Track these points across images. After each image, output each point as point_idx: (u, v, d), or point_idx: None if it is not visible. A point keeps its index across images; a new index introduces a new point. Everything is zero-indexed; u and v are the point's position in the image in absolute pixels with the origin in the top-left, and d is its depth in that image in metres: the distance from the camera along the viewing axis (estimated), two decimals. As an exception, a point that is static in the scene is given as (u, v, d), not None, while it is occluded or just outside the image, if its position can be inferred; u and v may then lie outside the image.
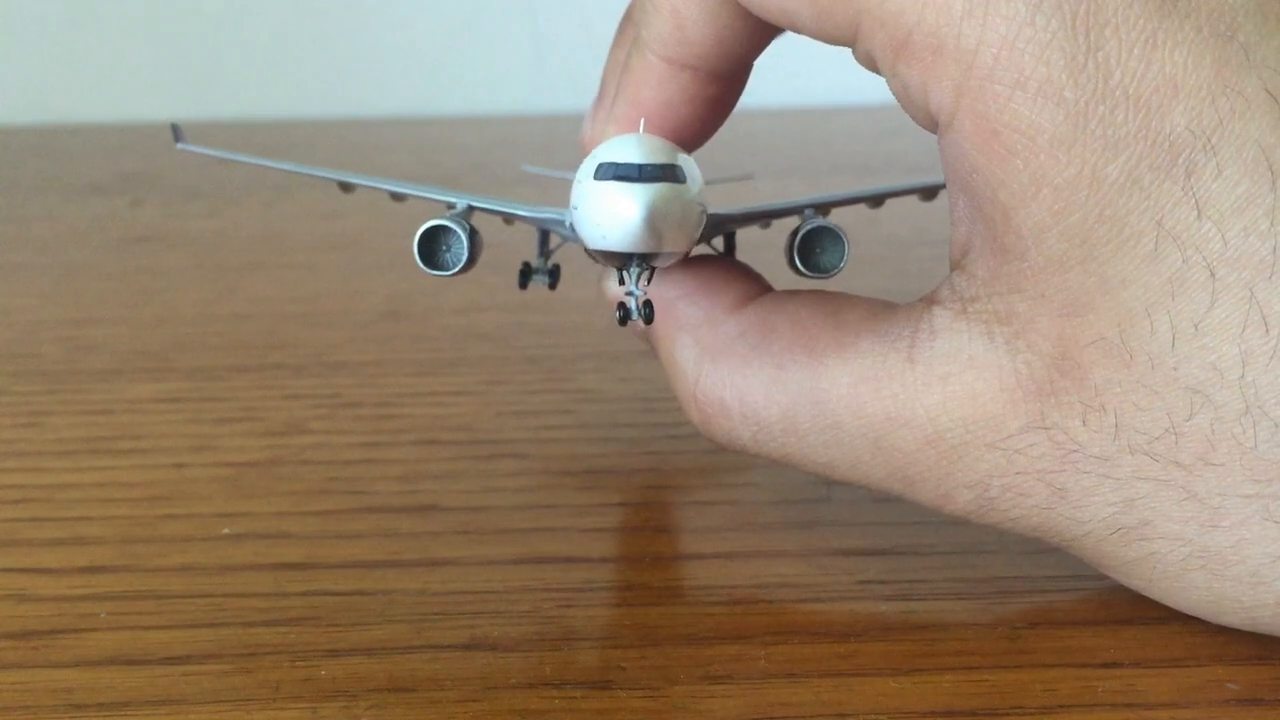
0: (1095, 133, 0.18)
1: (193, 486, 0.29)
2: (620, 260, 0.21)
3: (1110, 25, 0.18)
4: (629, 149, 0.20)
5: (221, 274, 0.48)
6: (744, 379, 0.23)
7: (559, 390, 0.35)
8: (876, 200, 0.29)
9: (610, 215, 0.20)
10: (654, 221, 0.20)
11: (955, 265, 0.21)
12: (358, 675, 0.21)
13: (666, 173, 0.20)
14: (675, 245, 0.21)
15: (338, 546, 0.26)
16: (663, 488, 0.29)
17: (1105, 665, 0.21)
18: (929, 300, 0.21)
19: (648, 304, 0.22)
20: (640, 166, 0.20)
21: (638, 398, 0.34)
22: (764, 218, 0.27)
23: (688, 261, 0.25)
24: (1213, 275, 0.18)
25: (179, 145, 0.31)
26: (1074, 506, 0.20)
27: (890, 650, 0.22)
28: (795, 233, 0.24)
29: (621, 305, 0.22)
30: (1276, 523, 0.19)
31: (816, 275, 0.24)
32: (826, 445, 0.22)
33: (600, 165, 0.20)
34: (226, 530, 0.26)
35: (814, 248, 0.24)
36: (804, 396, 0.22)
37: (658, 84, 0.23)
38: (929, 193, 0.28)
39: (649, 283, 0.22)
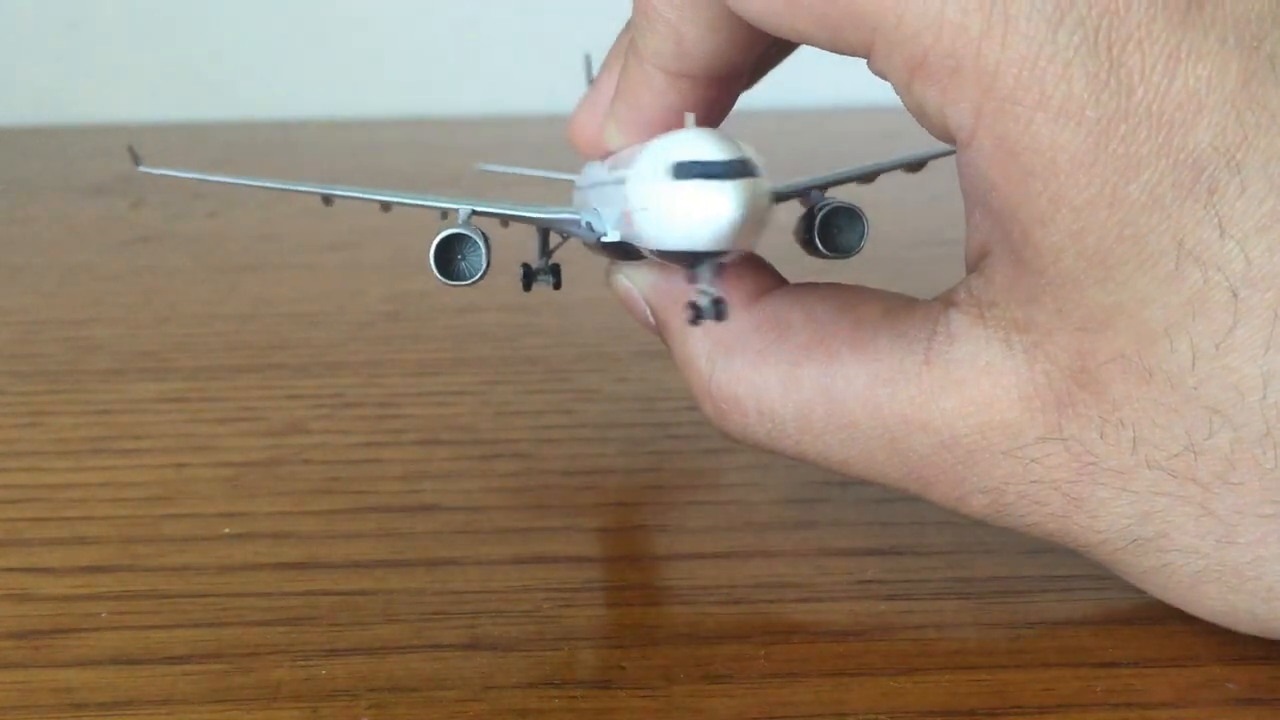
0: (1116, 152, 0.18)
1: (194, 486, 0.29)
2: (691, 260, 0.20)
3: (1133, 40, 0.18)
4: (706, 145, 0.19)
5: (222, 274, 0.48)
6: (759, 375, 0.23)
7: (559, 390, 0.35)
8: (867, 178, 0.29)
9: (698, 216, 0.19)
10: (745, 219, 0.19)
11: (972, 268, 0.21)
12: (358, 675, 0.21)
13: (747, 168, 0.19)
14: (750, 241, 0.20)
15: (338, 546, 0.26)
16: (663, 488, 0.29)
17: (1105, 665, 0.21)
18: (946, 301, 0.21)
19: (719, 301, 0.21)
20: (726, 163, 0.19)
21: (638, 398, 0.34)
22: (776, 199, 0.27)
23: None
24: (1235, 296, 0.18)
25: (139, 168, 0.30)
26: (1090, 516, 0.20)
27: (890, 650, 0.22)
28: (812, 213, 0.24)
29: (693, 305, 0.21)
30: None
31: (835, 256, 0.24)
32: (842, 444, 0.22)
33: (678, 164, 0.19)
34: (227, 530, 0.26)
35: (831, 228, 0.24)
36: (819, 395, 0.22)
37: (656, 92, 0.23)
38: (914, 166, 0.29)
39: (719, 278, 0.21)
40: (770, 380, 0.22)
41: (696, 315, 0.21)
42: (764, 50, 0.23)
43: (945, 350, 0.20)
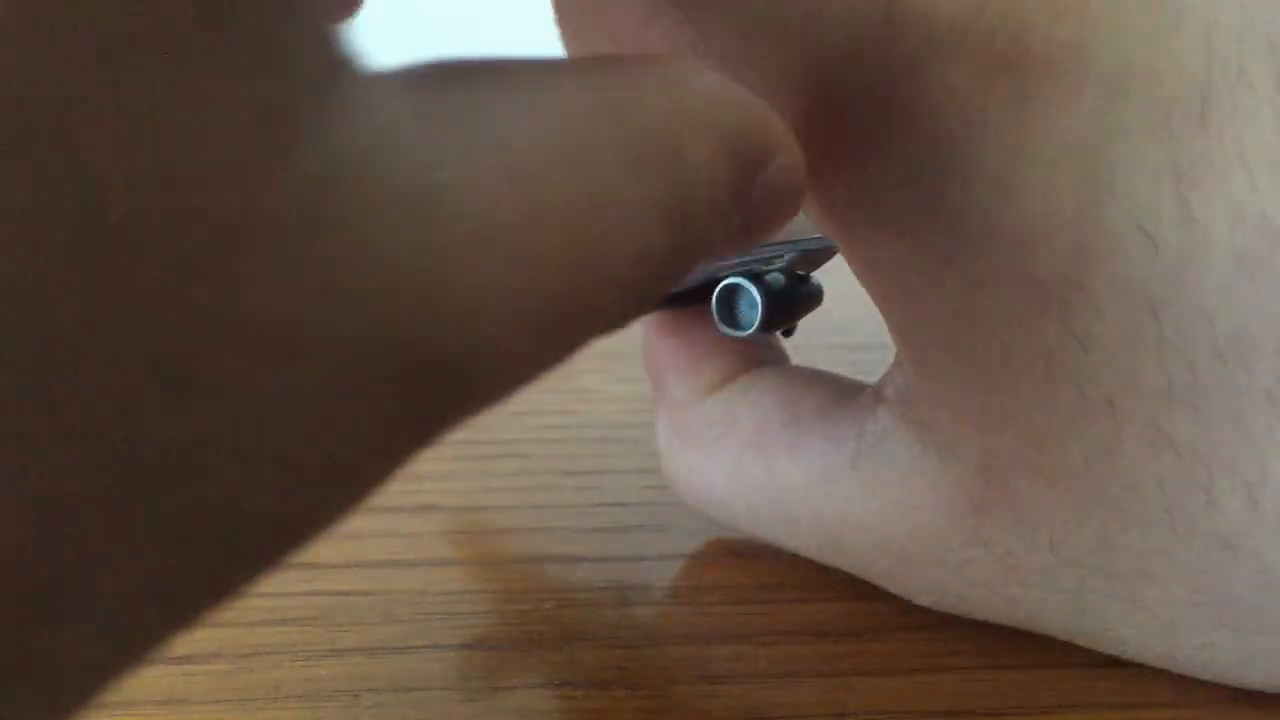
0: (962, 272, 0.17)
1: (193, 486, 0.29)
2: None
3: (958, 171, 0.17)
4: None
5: (222, 274, 0.48)
6: (708, 469, 0.23)
7: (559, 390, 0.35)
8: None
9: None
10: None
11: (897, 360, 0.21)
12: (358, 675, 0.21)
13: None
14: None
15: (338, 546, 0.26)
16: (663, 487, 0.29)
17: (1105, 665, 0.21)
18: (877, 396, 0.21)
19: None
20: None
21: (638, 398, 0.34)
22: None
23: (688, 324, 0.24)
24: (1111, 405, 0.17)
25: None
26: (1030, 614, 0.20)
27: (890, 650, 0.22)
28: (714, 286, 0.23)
29: None
30: (1234, 629, 0.18)
31: (737, 332, 0.23)
32: (791, 535, 0.22)
33: None
34: (227, 530, 0.26)
35: (738, 303, 0.23)
36: (761, 492, 0.22)
37: None
38: None
39: None
40: (717, 476, 0.23)
41: None
42: None
43: (871, 451, 0.20)
